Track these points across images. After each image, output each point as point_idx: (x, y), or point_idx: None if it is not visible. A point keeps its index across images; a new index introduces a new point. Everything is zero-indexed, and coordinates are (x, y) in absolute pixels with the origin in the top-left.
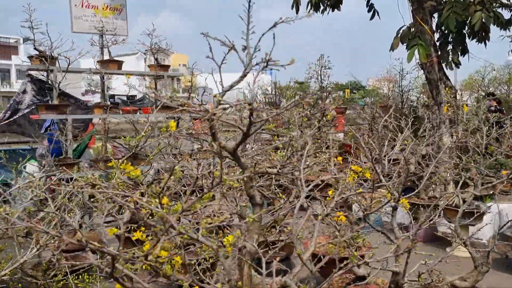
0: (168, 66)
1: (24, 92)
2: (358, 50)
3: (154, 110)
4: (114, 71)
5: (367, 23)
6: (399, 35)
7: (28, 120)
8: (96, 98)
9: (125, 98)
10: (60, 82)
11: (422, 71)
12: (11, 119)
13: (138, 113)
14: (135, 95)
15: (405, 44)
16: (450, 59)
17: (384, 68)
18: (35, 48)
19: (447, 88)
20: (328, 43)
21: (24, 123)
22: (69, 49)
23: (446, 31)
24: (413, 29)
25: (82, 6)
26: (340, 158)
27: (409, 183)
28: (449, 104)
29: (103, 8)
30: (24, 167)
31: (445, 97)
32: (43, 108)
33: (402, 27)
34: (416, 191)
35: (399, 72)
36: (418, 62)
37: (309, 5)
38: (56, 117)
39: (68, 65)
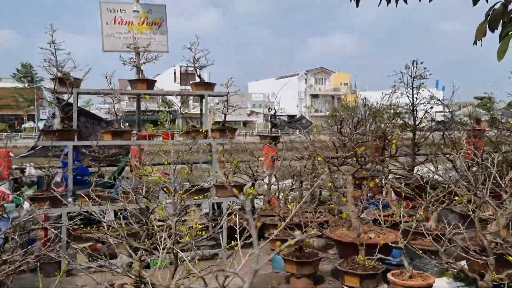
0: (212, 85)
1: (54, 116)
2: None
3: (176, 135)
4: (143, 91)
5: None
6: (487, 18)
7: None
8: (259, 119)
9: (285, 118)
10: (65, 102)
11: None
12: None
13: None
14: (295, 115)
15: (497, 32)
16: None
17: None
18: (58, 71)
19: None
20: None
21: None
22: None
23: None
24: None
25: (114, 23)
26: None
27: None
28: None
29: (138, 24)
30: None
31: None
32: (45, 134)
33: (494, 5)
34: None
35: None
36: None
37: None
38: (56, 143)
39: (79, 83)
